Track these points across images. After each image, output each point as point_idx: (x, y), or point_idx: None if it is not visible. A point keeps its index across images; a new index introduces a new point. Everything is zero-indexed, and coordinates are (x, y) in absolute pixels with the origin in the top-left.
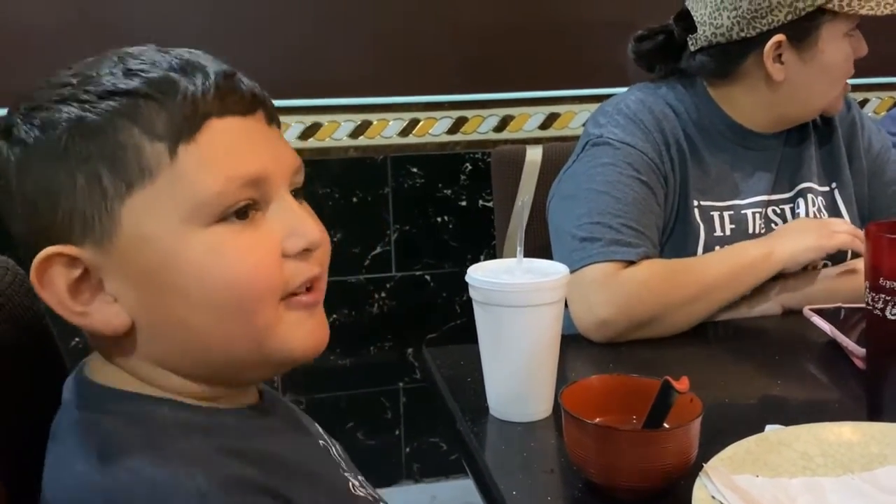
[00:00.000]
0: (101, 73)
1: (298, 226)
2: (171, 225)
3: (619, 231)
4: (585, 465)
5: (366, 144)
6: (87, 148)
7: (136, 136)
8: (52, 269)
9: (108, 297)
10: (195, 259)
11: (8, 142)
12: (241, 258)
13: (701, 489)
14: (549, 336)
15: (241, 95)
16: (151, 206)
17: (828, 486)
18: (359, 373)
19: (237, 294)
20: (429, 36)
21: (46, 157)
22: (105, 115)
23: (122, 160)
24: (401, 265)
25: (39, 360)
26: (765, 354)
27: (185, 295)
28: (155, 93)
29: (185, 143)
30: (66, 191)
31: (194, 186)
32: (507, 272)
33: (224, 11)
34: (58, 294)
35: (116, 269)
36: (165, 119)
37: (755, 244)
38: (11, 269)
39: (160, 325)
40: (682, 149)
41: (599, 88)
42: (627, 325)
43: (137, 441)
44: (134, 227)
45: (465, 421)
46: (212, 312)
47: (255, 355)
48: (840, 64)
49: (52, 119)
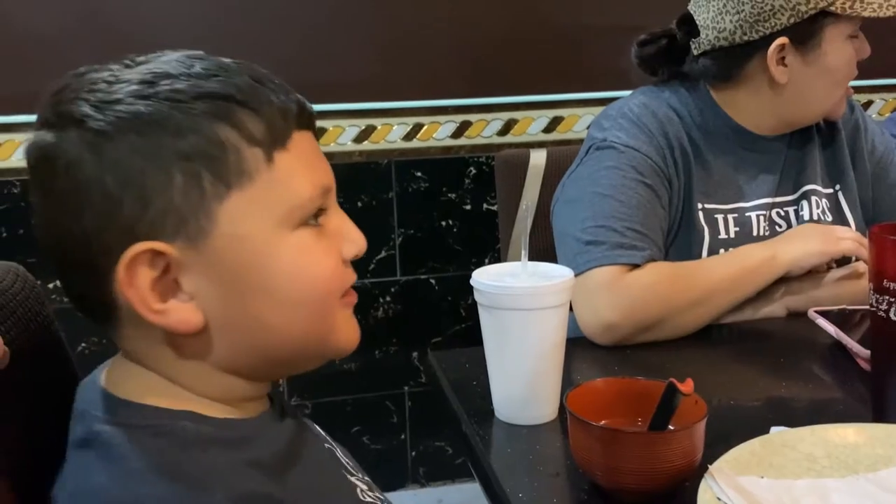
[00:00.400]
0: (176, 72)
1: (351, 233)
2: (265, 226)
3: (623, 234)
4: (591, 468)
5: (370, 149)
6: (184, 147)
7: (234, 139)
8: (139, 266)
9: (184, 296)
10: (288, 259)
11: (78, 131)
12: (324, 260)
13: (706, 491)
14: (554, 339)
15: (308, 111)
16: (248, 207)
17: (833, 487)
18: (364, 377)
19: (320, 293)
20: (432, 40)
21: (135, 153)
22: (200, 116)
23: (222, 161)
24: (405, 269)
25: (50, 365)
26: (769, 356)
27: (271, 293)
28: (248, 99)
29: (279, 150)
30: (160, 188)
31: (289, 191)
32: (512, 276)
33: (228, 15)
34: (141, 291)
35: (204, 268)
36: (263, 126)
37: (759, 248)
38: (21, 276)
39: (236, 323)
40: (686, 152)
41: (603, 92)
42: (632, 328)
43: (158, 455)
44: (229, 226)
45: (470, 424)
46: (292, 310)
47: (317, 349)
48: (843, 66)
49: (137, 113)
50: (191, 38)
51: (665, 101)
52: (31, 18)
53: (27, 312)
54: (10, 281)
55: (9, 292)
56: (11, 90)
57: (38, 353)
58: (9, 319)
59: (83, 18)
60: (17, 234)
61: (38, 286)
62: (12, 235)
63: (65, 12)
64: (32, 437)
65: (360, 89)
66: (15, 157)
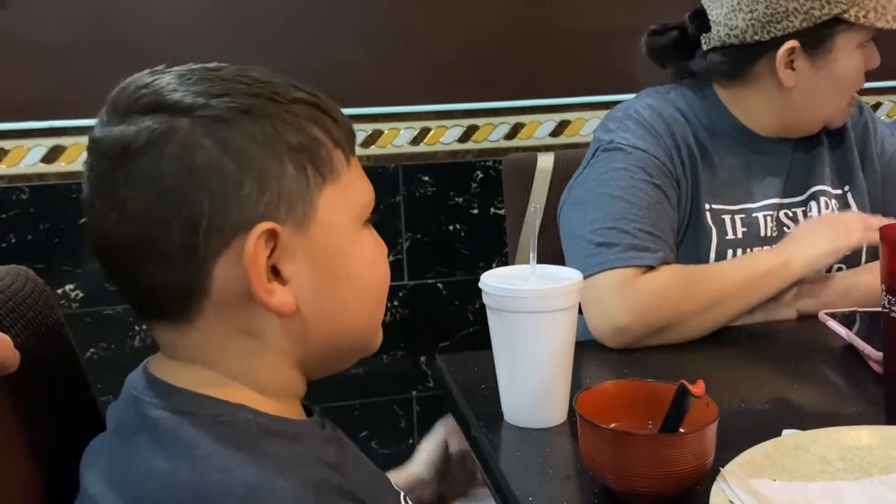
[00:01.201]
0: (264, 78)
1: (381, 240)
2: (348, 218)
3: (635, 236)
4: (601, 471)
5: (377, 153)
6: (292, 140)
7: (325, 140)
8: (260, 244)
9: (283, 280)
10: (367, 252)
11: (190, 118)
12: (384, 256)
13: (718, 493)
14: (563, 342)
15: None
16: (337, 200)
17: (846, 490)
18: (372, 381)
19: (384, 285)
20: (439, 45)
21: (253, 140)
22: (300, 116)
23: (320, 157)
24: (413, 273)
25: (60, 367)
26: (780, 358)
27: (354, 279)
28: (329, 109)
29: (352, 154)
30: (275, 174)
31: (361, 192)
32: (521, 278)
33: (237, 22)
34: (260, 268)
35: (304, 252)
36: (341, 132)
37: (772, 253)
38: (31, 279)
39: (322, 306)
40: (693, 153)
41: (609, 95)
42: (643, 331)
43: (224, 443)
44: (326, 214)
45: (479, 428)
46: (367, 297)
47: (368, 342)
48: (851, 74)
49: (249, 105)
50: (201, 45)
51: (671, 103)
52: (42, 27)
53: (37, 316)
54: (20, 284)
55: (19, 295)
56: (21, 98)
57: (49, 356)
58: (19, 322)
59: (95, 27)
60: (26, 240)
61: (47, 289)
62: (21, 241)
63: (77, 21)
64: (44, 440)
65: (366, 94)
66: (24, 164)
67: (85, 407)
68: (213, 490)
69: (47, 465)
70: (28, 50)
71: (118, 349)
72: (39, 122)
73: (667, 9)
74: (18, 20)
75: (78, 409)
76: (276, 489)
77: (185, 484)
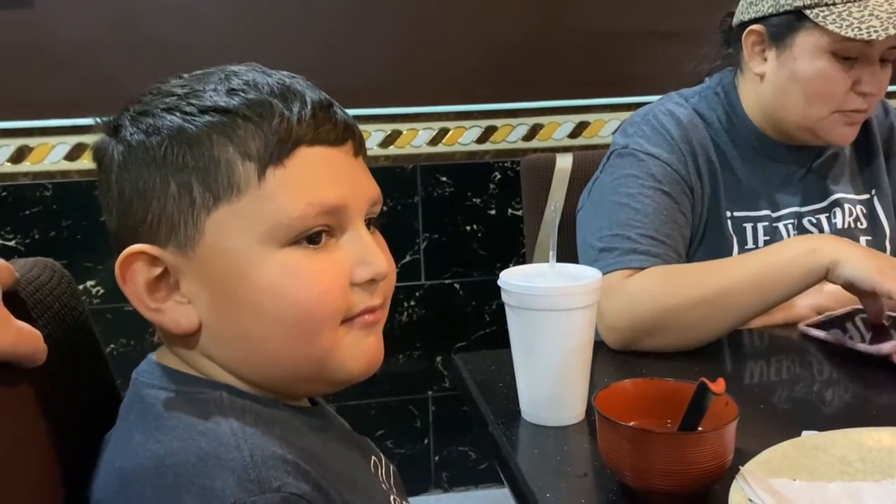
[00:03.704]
0: (207, 88)
1: (367, 256)
2: (249, 241)
3: (636, 241)
4: (620, 469)
5: (395, 153)
6: (183, 157)
7: (230, 153)
8: (135, 265)
9: (183, 299)
10: (268, 277)
11: (115, 140)
12: (312, 282)
13: (738, 492)
14: (581, 340)
15: (333, 126)
16: (234, 221)
17: (867, 491)
18: (388, 381)
19: (303, 315)
20: (458, 46)
21: (145, 161)
22: (203, 129)
23: (213, 174)
24: (430, 274)
25: (85, 358)
26: (801, 359)
27: (255, 309)
28: (253, 115)
29: (273, 165)
30: (158, 195)
31: (276, 208)
32: (541, 276)
33: (256, 22)
34: (136, 289)
35: (194, 275)
36: (260, 141)
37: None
38: (58, 271)
39: (226, 333)
40: (712, 159)
41: (629, 97)
42: (631, 330)
43: (193, 415)
44: (216, 238)
45: (497, 426)
46: (278, 329)
47: (311, 372)
48: (815, 81)
49: (156, 125)
50: (224, 44)
51: (692, 108)
52: (65, 26)
53: (63, 307)
54: (46, 276)
55: (45, 287)
56: (45, 96)
57: (75, 347)
58: (46, 314)
59: (119, 26)
60: (49, 237)
61: (73, 282)
62: (43, 237)
63: (101, 20)
64: (69, 431)
65: (385, 94)
66: (48, 161)
67: (108, 398)
68: (169, 456)
69: (71, 454)
70: (52, 48)
71: (138, 345)
72: (63, 120)
73: (687, 11)
74: (43, 19)
75: (102, 399)
76: (227, 458)
77: (152, 453)
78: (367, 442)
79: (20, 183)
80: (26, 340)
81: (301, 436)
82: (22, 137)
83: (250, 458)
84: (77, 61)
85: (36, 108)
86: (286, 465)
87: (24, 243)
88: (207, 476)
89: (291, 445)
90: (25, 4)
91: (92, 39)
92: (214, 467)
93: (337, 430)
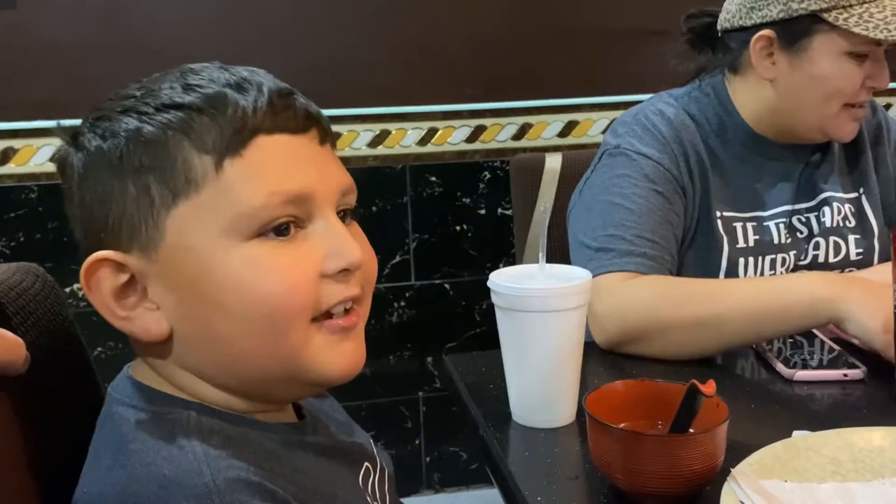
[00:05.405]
0: (163, 87)
1: (339, 246)
2: (211, 237)
3: (632, 242)
4: (611, 471)
5: (385, 154)
6: (140, 158)
7: (186, 149)
8: (100, 272)
9: (152, 305)
10: (233, 272)
11: (74, 148)
12: (278, 275)
13: (729, 494)
14: (572, 341)
15: (293, 114)
16: (195, 217)
17: (859, 491)
18: (378, 382)
19: (270, 310)
20: (447, 45)
21: (104, 166)
22: (159, 128)
23: (170, 171)
24: (420, 274)
25: (69, 364)
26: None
27: (223, 307)
28: (207, 107)
29: (231, 157)
30: (117, 198)
31: (236, 199)
32: (530, 278)
33: (241, 24)
34: (103, 297)
35: (159, 278)
36: (215, 133)
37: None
38: (41, 277)
39: (197, 335)
40: (702, 159)
41: (618, 96)
42: (619, 335)
43: (158, 438)
44: (177, 237)
45: (488, 428)
46: (246, 328)
47: (284, 373)
48: (834, 81)
49: (112, 129)
50: (208, 47)
51: (683, 108)
52: (48, 27)
53: (47, 313)
54: (29, 282)
55: (28, 293)
56: (29, 97)
57: (58, 353)
58: (29, 319)
59: (104, 27)
60: (34, 239)
61: (57, 287)
62: (29, 239)
63: (85, 20)
64: (53, 439)
65: (374, 94)
66: (33, 163)
67: (94, 404)
68: (133, 484)
69: (55, 461)
70: (36, 49)
71: (125, 349)
72: (48, 122)
73: (677, 9)
74: (27, 20)
75: (87, 406)
76: (189, 484)
77: (115, 480)
78: (360, 448)
79: (5, 185)
80: (8, 349)
81: (271, 455)
82: (6, 139)
83: (213, 482)
84: (61, 62)
85: (20, 110)
86: (251, 488)
87: (10, 246)
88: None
89: (260, 467)
90: (8, 6)
91: (76, 40)
92: (176, 494)
93: (321, 444)
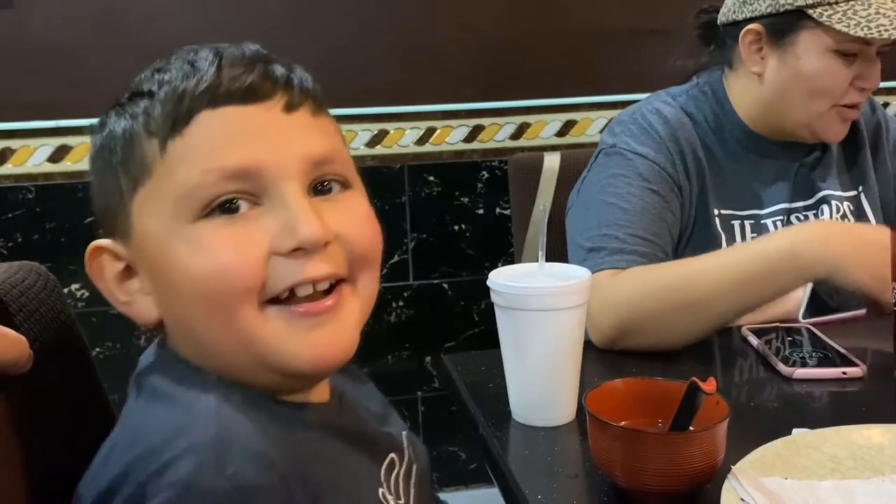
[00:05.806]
0: (142, 76)
1: (292, 221)
2: (163, 221)
3: (624, 241)
4: (611, 469)
5: (383, 153)
6: (111, 149)
7: (140, 135)
8: (101, 259)
9: (143, 290)
10: (178, 255)
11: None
12: (217, 254)
13: (730, 491)
14: (571, 339)
15: (248, 82)
16: (150, 203)
17: (858, 488)
18: (377, 381)
19: (211, 290)
20: (445, 44)
21: (95, 160)
22: (125, 116)
23: (131, 159)
24: (418, 274)
25: (71, 362)
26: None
27: (175, 291)
28: (152, 87)
29: (173, 137)
30: (101, 190)
31: (176, 181)
32: (530, 276)
33: (240, 22)
34: (107, 283)
35: (138, 265)
36: (159, 114)
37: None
38: (43, 275)
39: (174, 322)
40: (699, 158)
41: (616, 95)
42: (611, 330)
43: (183, 390)
44: (140, 223)
45: (487, 427)
46: (196, 310)
47: (245, 358)
48: (820, 79)
49: (102, 122)
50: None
51: (680, 107)
52: (48, 27)
53: (49, 311)
54: (31, 280)
55: (30, 291)
56: (27, 97)
57: (60, 351)
58: (31, 318)
59: (101, 27)
60: (32, 239)
61: (58, 285)
62: (27, 240)
63: (80, 21)
64: (54, 437)
65: (372, 94)
66: (30, 163)
67: (95, 401)
68: (149, 427)
69: (58, 459)
70: (34, 49)
71: (124, 348)
72: (45, 122)
73: (675, 9)
74: (24, 20)
75: (89, 403)
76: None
77: (131, 423)
78: (388, 438)
79: (2, 186)
80: (11, 347)
81: (284, 430)
82: (3, 140)
83: (216, 438)
84: (59, 62)
85: (17, 110)
86: (250, 454)
87: (7, 247)
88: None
89: (266, 435)
90: (6, 6)
91: (74, 40)
92: (181, 443)
93: (340, 427)
